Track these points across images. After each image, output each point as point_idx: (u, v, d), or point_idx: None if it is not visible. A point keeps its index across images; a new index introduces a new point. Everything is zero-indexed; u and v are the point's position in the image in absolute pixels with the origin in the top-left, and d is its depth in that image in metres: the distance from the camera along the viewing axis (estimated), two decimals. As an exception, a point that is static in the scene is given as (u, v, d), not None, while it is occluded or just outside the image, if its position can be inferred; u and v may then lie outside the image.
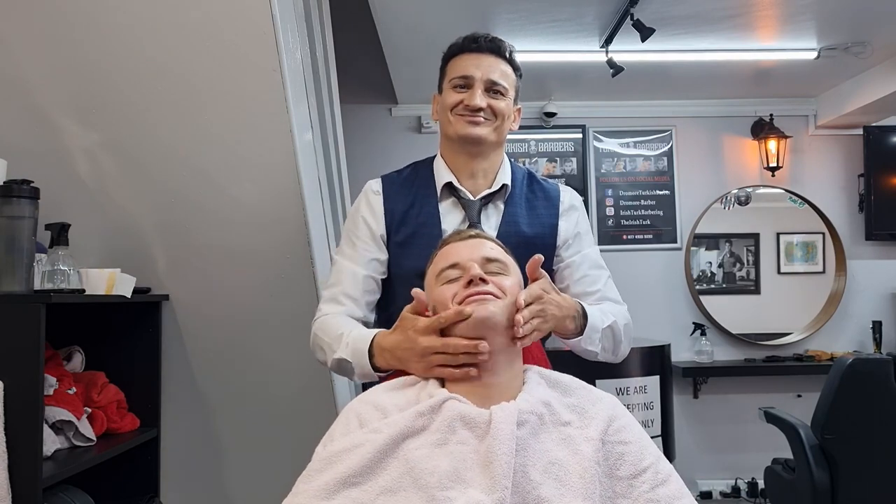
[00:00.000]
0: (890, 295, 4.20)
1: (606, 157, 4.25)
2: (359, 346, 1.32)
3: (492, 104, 1.46)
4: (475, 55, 1.47)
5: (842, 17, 2.99)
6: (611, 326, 1.39)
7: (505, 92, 1.47)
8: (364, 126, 4.13)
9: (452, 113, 1.47)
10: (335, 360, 1.36)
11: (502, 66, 1.47)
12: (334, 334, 1.38)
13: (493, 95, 1.46)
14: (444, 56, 1.53)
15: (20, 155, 1.87)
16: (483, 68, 1.46)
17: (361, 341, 1.32)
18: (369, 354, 1.30)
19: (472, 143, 1.47)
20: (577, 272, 1.50)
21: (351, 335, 1.35)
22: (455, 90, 1.47)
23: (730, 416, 4.10)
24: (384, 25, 2.97)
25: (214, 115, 1.95)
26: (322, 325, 1.43)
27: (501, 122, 1.48)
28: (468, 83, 1.46)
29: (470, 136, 1.46)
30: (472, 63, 1.46)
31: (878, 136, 4.15)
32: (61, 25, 1.85)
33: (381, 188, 1.54)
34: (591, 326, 1.34)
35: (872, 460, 2.60)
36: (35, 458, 1.55)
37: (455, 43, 1.51)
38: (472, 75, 1.45)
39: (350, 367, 1.33)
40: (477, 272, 1.14)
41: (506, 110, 1.48)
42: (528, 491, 0.96)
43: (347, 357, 1.33)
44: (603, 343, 1.38)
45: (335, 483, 0.97)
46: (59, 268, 1.74)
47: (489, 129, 1.47)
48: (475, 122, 1.45)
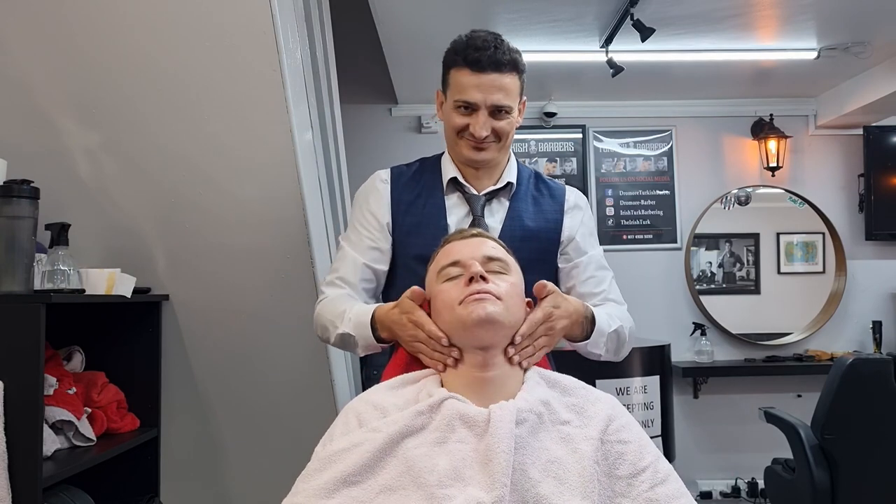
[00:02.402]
0: (890, 295, 4.20)
1: (606, 157, 4.25)
2: (361, 319, 1.38)
3: (496, 127, 1.45)
4: (477, 76, 1.42)
5: (842, 17, 2.99)
6: (616, 331, 1.43)
7: (510, 110, 1.45)
8: (364, 126, 4.13)
9: (458, 135, 1.48)
10: (338, 335, 1.41)
11: (506, 82, 1.43)
12: (337, 311, 1.43)
13: (498, 115, 1.45)
14: (445, 58, 1.49)
15: (20, 155, 1.87)
16: (485, 91, 1.42)
17: (363, 315, 1.38)
18: (372, 328, 1.36)
19: (479, 165, 1.51)
20: (584, 273, 1.53)
21: (353, 311, 1.41)
22: (459, 111, 1.46)
23: (730, 416, 4.10)
24: (384, 26, 2.97)
25: (214, 115, 1.95)
26: (324, 305, 1.49)
27: (506, 139, 1.48)
28: (472, 108, 1.44)
29: (476, 161, 1.49)
30: (475, 86, 1.42)
31: (878, 136, 4.14)
32: (61, 25, 1.85)
33: (389, 177, 1.56)
34: (598, 331, 1.38)
35: (872, 460, 2.60)
36: (35, 458, 1.55)
37: (456, 45, 1.46)
38: (476, 102, 1.43)
39: (353, 340, 1.39)
40: (478, 270, 1.14)
41: (510, 127, 1.47)
42: (527, 489, 0.96)
43: (350, 331, 1.39)
44: (608, 346, 1.41)
45: (335, 482, 0.97)
46: (59, 268, 1.74)
47: (494, 151, 1.48)
48: (480, 148, 1.46)
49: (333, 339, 1.44)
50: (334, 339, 1.44)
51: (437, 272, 1.22)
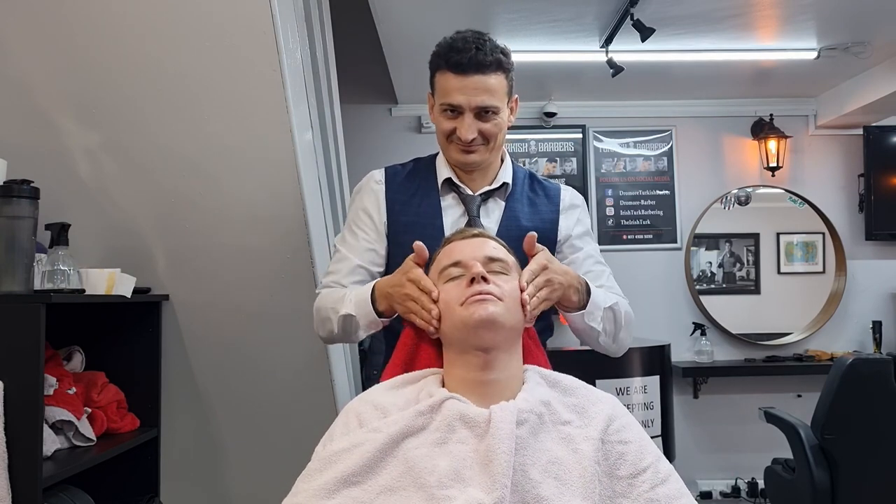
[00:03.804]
0: (890, 295, 4.20)
1: (606, 157, 4.25)
2: (362, 296, 1.37)
3: (483, 130, 1.43)
4: (460, 78, 1.41)
5: (842, 17, 2.99)
6: (612, 308, 1.40)
7: (497, 110, 1.44)
8: (364, 126, 4.13)
9: (447, 139, 1.48)
10: (340, 317, 1.39)
11: (490, 82, 1.42)
12: (337, 297, 1.43)
13: (484, 117, 1.43)
14: (430, 62, 1.48)
15: (20, 155, 1.87)
16: (469, 93, 1.41)
17: (364, 292, 1.38)
18: (372, 301, 1.35)
19: (469, 167, 1.50)
20: (581, 268, 1.51)
21: (353, 292, 1.41)
22: (445, 115, 1.45)
23: (730, 416, 4.10)
24: (384, 26, 2.97)
25: (214, 114, 1.95)
26: (323, 297, 1.48)
27: (495, 140, 1.47)
28: (457, 110, 1.43)
29: (466, 163, 1.48)
30: (458, 88, 1.41)
31: (878, 136, 4.14)
32: (61, 25, 1.85)
33: (383, 178, 1.56)
34: (594, 302, 1.35)
35: (872, 460, 2.60)
36: (35, 458, 1.55)
37: (440, 48, 1.45)
38: (460, 104, 1.42)
39: (355, 321, 1.37)
40: (479, 271, 1.14)
41: (498, 128, 1.46)
42: (527, 490, 0.96)
43: (352, 311, 1.37)
44: (604, 324, 1.38)
45: (335, 482, 0.97)
46: (59, 268, 1.74)
47: (484, 153, 1.47)
48: (469, 151, 1.46)
49: (336, 326, 1.41)
50: (336, 326, 1.41)
51: (438, 272, 1.22)
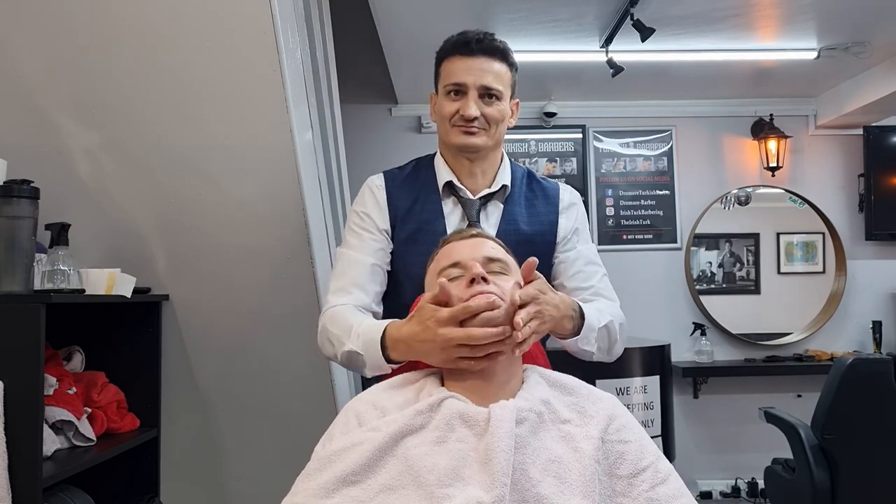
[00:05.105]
0: (890, 295, 4.20)
1: (606, 157, 4.25)
2: (371, 336, 1.27)
3: (486, 112, 1.46)
4: (466, 59, 1.45)
5: (842, 17, 2.99)
6: (606, 326, 1.39)
7: (500, 95, 1.47)
8: (364, 126, 4.13)
9: (449, 123, 1.48)
10: (345, 352, 1.31)
11: (495, 67, 1.46)
12: (344, 326, 1.34)
13: (488, 101, 1.46)
14: (436, 56, 1.53)
15: (20, 155, 1.87)
16: (475, 73, 1.45)
17: (373, 332, 1.27)
18: (382, 346, 1.25)
19: (470, 151, 1.50)
20: (572, 268, 1.51)
21: (362, 326, 1.30)
22: (450, 97, 1.48)
23: (730, 416, 4.10)
24: (384, 26, 2.97)
25: (214, 114, 1.95)
26: (331, 318, 1.39)
27: (496, 127, 1.49)
28: (461, 90, 1.46)
29: (466, 146, 1.48)
30: (464, 68, 1.45)
31: (878, 136, 4.14)
32: (61, 25, 1.85)
33: (383, 183, 1.55)
34: (588, 326, 1.33)
35: (872, 460, 2.60)
36: (35, 458, 1.55)
37: (447, 42, 1.50)
38: (465, 82, 1.45)
39: (361, 359, 1.29)
40: (479, 271, 1.14)
41: (501, 115, 1.48)
42: (527, 489, 0.95)
43: (359, 349, 1.28)
44: (599, 343, 1.37)
45: (334, 482, 0.97)
46: (59, 268, 1.74)
47: (485, 137, 1.48)
48: (471, 132, 1.46)
49: (340, 357, 1.34)
50: (341, 358, 1.34)
51: (437, 273, 1.21)
